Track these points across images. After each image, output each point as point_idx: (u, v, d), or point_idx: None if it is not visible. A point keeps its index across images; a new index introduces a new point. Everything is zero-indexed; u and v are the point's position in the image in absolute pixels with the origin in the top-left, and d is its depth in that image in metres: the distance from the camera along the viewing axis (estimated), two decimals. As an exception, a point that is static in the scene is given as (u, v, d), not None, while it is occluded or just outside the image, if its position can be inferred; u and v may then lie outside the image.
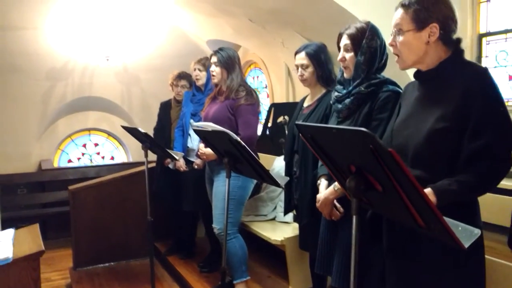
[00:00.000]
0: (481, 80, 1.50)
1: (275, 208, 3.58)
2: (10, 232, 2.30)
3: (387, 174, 1.09)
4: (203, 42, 5.54)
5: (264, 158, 3.71)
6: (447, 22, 1.57)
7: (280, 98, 5.13)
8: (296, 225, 2.98)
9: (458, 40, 1.61)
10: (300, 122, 1.65)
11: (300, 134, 1.45)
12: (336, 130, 1.20)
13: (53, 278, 4.38)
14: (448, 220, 1.19)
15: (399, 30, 1.61)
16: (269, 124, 4.22)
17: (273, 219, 3.54)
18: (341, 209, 2.03)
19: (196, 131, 2.37)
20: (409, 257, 1.59)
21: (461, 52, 1.61)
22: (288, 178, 2.21)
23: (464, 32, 3.54)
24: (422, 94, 1.64)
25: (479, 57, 3.54)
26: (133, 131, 3.22)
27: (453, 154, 1.50)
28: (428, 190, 1.44)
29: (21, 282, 1.96)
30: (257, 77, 5.85)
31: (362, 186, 1.24)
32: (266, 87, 5.60)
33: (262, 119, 4.44)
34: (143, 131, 3.03)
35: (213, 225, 3.07)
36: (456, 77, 1.53)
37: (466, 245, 1.09)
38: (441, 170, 1.51)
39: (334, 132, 1.21)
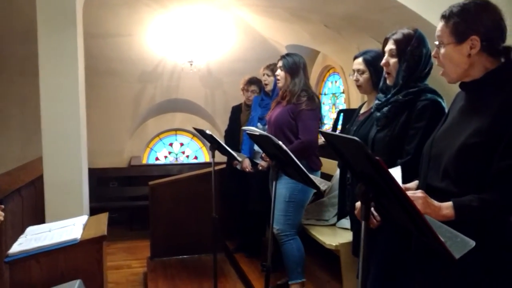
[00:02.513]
0: None
1: (336, 213, 3.57)
2: (84, 218, 2.62)
3: (382, 181, 1.11)
4: (282, 47, 5.65)
5: (329, 164, 3.71)
6: (491, 33, 1.48)
7: (357, 103, 5.07)
8: (355, 231, 2.97)
9: (507, 49, 1.51)
10: (322, 130, 1.69)
11: (325, 141, 1.49)
12: (340, 138, 1.24)
13: (133, 265, 4.77)
14: (447, 229, 1.17)
15: (440, 43, 1.56)
16: (338, 130, 4.20)
17: (334, 224, 3.53)
18: (378, 217, 2.02)
19: (248, 135, 2.50)
20: (435, 256, 1.53)
21: (511, 62, 1.50)
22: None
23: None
24: (465, 105, 1.58)
25: None
26: (201, 133, 3.43)
27: (483, 171, 1.42)
28: (448, 203, 1.41)
29: (86, 261, 2.30)
30: (335, 82, 5.84)
31: (371, 193, 1.26)
32: (343, 92, 5.57)
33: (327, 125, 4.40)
34: (209, 132, 3.22)
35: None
36: (498, 90, 1.45)
37: (457, 255, 1.08)
38: (469, 185, 1.44)
39: (341, 140, 1.25)
